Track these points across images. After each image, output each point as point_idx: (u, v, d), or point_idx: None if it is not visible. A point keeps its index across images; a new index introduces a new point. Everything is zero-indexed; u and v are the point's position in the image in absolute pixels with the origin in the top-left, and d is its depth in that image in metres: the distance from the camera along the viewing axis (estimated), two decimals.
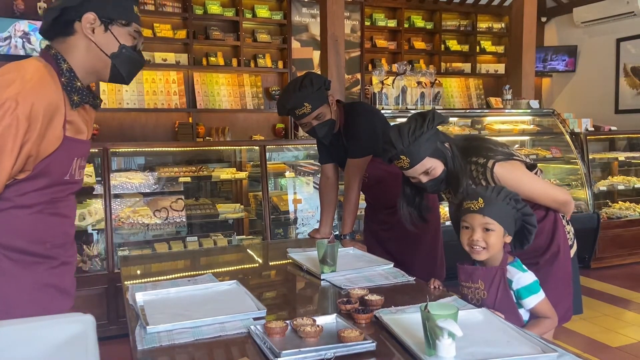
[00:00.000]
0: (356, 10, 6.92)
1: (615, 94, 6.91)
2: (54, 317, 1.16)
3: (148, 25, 5.93)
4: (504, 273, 1.72)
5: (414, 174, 1.94)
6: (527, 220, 1.73)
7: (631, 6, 6.45)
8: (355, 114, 2.62)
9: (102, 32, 1.43)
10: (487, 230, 1.72)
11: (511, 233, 1.74)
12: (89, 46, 1.43)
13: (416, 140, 1.87)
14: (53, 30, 1.43)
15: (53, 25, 1.42)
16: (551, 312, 1.75)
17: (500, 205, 1.71)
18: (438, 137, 1.93)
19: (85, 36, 1.42)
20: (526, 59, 5.43)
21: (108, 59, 1.46)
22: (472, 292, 1.75)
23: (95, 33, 1.42)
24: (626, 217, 5.15)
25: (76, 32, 1.42)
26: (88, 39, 1.42)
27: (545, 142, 5.24)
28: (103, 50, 1.44)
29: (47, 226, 1.38)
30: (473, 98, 7.63)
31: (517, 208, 1.72)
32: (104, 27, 1.43)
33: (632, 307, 4.07)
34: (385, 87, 4.39)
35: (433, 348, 1.29)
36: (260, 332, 1.42)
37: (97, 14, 1.41)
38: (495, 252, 1.74)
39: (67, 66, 1.41)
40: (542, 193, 1.95)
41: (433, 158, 1.90)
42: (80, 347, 1.07)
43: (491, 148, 1.94)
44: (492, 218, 1.71)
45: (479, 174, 1.90)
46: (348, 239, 2.63)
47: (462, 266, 1.80)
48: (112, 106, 5.73)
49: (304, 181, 4.40)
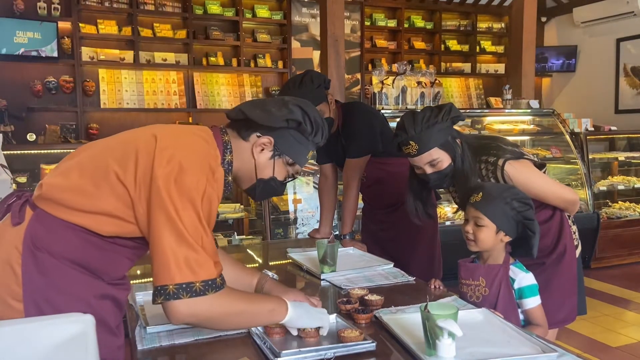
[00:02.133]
0: (356, 10, 6.92)
1: (615, 94, 6.90)
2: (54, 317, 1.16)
3: (148, 25, 5.94)
4: (507, 271, 1.73)
5: (420, 162, 1.94)
6: (527, 225, 1.71)
7: (631, 6, 6.44)
8: (354, 113, 2.61)
9: (267, 158, 1.45)
10: (478, 224, 1.72)
11: (510, 234, 1.73)
12: (249, 160, 1.45)
13: (429, 128, 1.87)
14: (234, 122, 1.46)
15: (235, 118, 1.46)
16: (543, 319, 1.75)
17: (497, 203, 1.70)
18: (451, 131, 1.93)
19: (251, 149, 1.44)
20: (526, 59, 5.43)
21: (255, 179, 1.47)
22: (472, 290, 1.75)
23: (261, 154, 1.45)
24: (626, 217, 5.15)
25: (249, 142, 1.44)
26: (252, 153, 1.44)
27: (545, 142, 5.24)
28: (256, 171, 1.46)
29: (121, 266, 1.39)
30: (473, 98, 7.62)
31: (517, 210, 1.70)
32: (272, 154, 1.45)
33: (632, 307, 4.07)
34: (385, 87, 4.39)
35: (433, 348, 1.29)
36: (260, 332, 1.42)
37: (275, 142, 1.44)
38: (486, 247, 1.74)
39: (229, 158, 1.43)
40: (551, 192, 1.94)
41: (441, 150, 1.90)
42: (80, 347, 1.07)
43: (501, 147, 1.94)
44: (484, 214, 1.71)
45: (489, 172, 1.90)
46: (348, 238, 2.63)
47: (464, 263, 1.80)
48: (112, 106, 5.73)
49: (303, 181, 4.40)
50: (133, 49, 5.79)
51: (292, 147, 1.47)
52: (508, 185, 1.79)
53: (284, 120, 1.43)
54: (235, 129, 1.46)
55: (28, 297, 1.24)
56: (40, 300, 1.24)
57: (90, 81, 5.63)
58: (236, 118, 1.46)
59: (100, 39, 5.70)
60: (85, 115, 5.62)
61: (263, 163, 1.45)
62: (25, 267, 1.24)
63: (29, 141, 4.56)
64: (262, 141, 1.43)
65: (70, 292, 1.27)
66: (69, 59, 5.52)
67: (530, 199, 1.75)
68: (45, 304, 1.25)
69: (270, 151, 1.45)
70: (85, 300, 1.29)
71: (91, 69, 5.72)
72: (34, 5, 5.35)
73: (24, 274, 1.24)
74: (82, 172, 1.30)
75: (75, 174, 1.30)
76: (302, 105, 1.48)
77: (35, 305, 1.24)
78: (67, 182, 1.29)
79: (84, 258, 1.30)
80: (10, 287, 1.24)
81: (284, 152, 1.46)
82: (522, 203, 1.71)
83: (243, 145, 1.44)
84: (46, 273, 1.25)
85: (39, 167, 3.88)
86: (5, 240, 1.28)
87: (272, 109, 1.43)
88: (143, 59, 5.85)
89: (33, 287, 1.24)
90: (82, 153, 1.37)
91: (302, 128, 1.46)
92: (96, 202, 1.27)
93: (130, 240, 1.34)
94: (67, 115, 5.53)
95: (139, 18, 5.85)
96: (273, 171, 1.47)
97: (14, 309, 1.23)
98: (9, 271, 1.25)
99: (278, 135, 1.44)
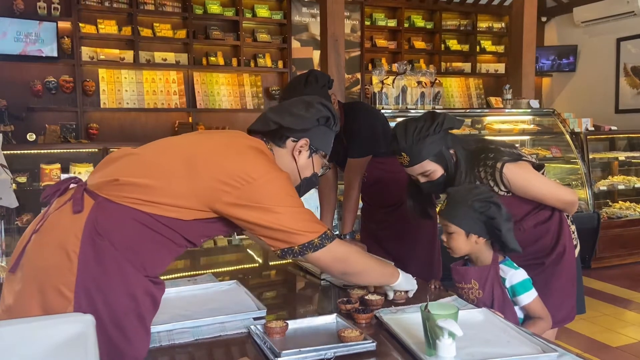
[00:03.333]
0: (356, 10, 6.92)
1: (615, 94, 6.90)
2: (54, 317, 1.16)
3: (148, 25, 5.94)
4: (497, 271, 1.73)
5: (412, 172, 1.94)
6: (492, 223, 1.69)
7: (631, 6, 6.44)
8: (356, 113, 2.61)
9: (306, 158, 1.57)
10: (448, 232, 1.74)
11: (482, 235, 1.71)
12: (291, 164, 1.55)
13: (420, 140, 1.85)
14: (265, 133, 1.55)
15: (267, 130, 1.54)
16: (544, 312, 1.75)
17: (460, 207, 1.70)
18: (445, 141, 1.89)
19: (291, 154, 1.55)
20: (526, 59, 5.42)
21: (299, 180, 1.58)
22: (467, 293, 1.76)
23: (301, 155, 1.56)
24: (626, 217, 5.15)
25: (285, 147, 1.55)
26: (292, 157, 1.55)
27: (545, 142, 5.24)
28: (300, 172, 1.57)
29: (165, 262, 1.43)
30: (473, 98, 7.62)
31: (479, 211, 1.68)
32: (309, 153, 1.57)
33: (632, 307, 4.07)
34: (385, 86, 4.39)
35: (433, 348, 1.29)
36: (260, 332, 1.42)
37: (310, 141, 1.56)
38: (463, 253, 1.76)
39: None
40: (549, 193, 1.94)
41: (433, 162, 1.88)
42: (80, 347, 1.07)
43: (499, 149, 1.92)
44: (450, 221, 1.73)
45: (488, 174, 1.89)
46: (348, 238, 2.63)
47: (455, 267, 1.81)
48: (112, 106, 5.73)
49: None
50: (133, 49, 5.79)
51: (324, 142, 1.60)
52: (471, 187, 1.78)
53: (315, 120, 1.54)
54: (269, 138, 1.55)
55: (80, 285, 1.24)
56: (92, 289, 1.25)
57: (90, 81, 5.63)
58: (268, 130, 1.53)
59: (100, 39, 5.70)
60: (85, 115, 5.62)
61: (304, 164, 1.57)
62: (83, 254, 1.25)
63: (29, 141, 4.56)
64: (300, 144, 1.54)
65: (121, 284, 1.29)
66: (69, 58, 5.53)
67: (494, 196, 1.73)
68: (97, 293, 1.25)
69: (307, 151, 1.56)
70: (132, 294, 1.30)
71: (91, 68, 5.72)
72: (34, 5, 5.35)
73: (80, 260, 1.25)
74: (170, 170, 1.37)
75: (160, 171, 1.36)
76: (322, 101, 1.59)
77: (86, 294, 1.24)
78: (147, 180, 1.34)
79: (138, 249, 1.32)
80: (63, 274, 1.25)
81: (318, 148, 1.58)
82: (484, 203, 1.69)
83: (281, 152, 1.55)
84: (102, 262, 1.27)
85: (39, 167, 3.88)
86: (62, 227, 1.29)
87: (301, 112, 1.53)
88: (143, 59, 5.85)
89: (87, 275, 1.25)
90: (148, 151, 1.45)
91: (329, 122, 1.58)
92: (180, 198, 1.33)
93: (192, 228, 1.39)
94: (67, 115, 5.53)
95: (139, 18, 5.84)
96: (313, 167, 1.60)
97: (64, 297, 1.24)
98: (64, 257, 1.26)
99: (311, 135, 1.55)
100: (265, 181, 1.37)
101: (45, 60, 5.38)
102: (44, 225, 1.33)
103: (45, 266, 1.27)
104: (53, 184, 1.42)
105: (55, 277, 1.25)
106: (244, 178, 1.35)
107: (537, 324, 1.72)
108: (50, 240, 1.29)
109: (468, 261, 1.82)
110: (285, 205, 1.39)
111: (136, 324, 1.30)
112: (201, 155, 1.39)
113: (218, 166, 1.37)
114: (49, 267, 1.26)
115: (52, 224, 1.32)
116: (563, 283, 1.97)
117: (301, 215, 1.42)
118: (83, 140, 4.99)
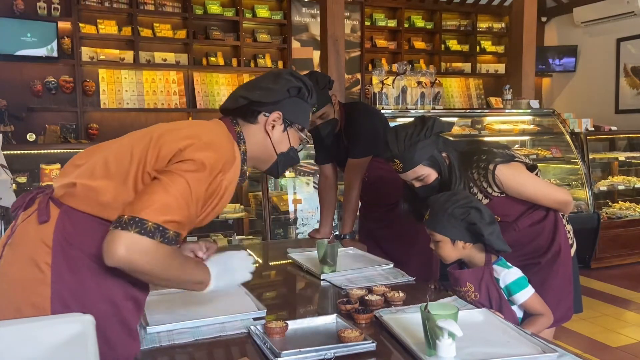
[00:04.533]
0: (356, 10, 6.92)
1: (615, 94, 6.90)
2: (54, 317, 1.16)
3: (148, 25, 5.94)
4: (490, 272, 1.73)
5: (407, 178, 1.96)
6: (475, 229, 1.69)
7: (631, 6, 6.44)
8: (356, 114, 2.62)
9: (280, 132, 1.51)
10: (435, 241, 1.75)
11: (468, 240, 1.72)
12: (265, 140, 1.50)
13: (411, 146, 1.87)
14: (235, 111, 1.50)
15: (237, 107, 1.49)
16: (544, 308, 1.75)
17: (441, 216, 1.72)
18: (437, 145, 1.91)
19: (264, 129, 1.49)
20: (526, 59, 5.43)
21: (275, 155, 1.53)
22: (464, 296, 1.77)
23: (274, 130, 1.50)
24: (626, 217, 5.15)
25: (258, 123, 1.49)
26: (266, 133, 1.49)
27: (545, 142, 5.24)
28: (275, 148, 1.51)
29: None
30: (473, 98, 7.62)
31: (460, 218, 1.69)
32: (284, 127, 1.51)
33: (632, 307, 4.07)
34: (385, 87, 4.39)
35: (433, 348, 1.29)
36: (260, 332, 1.42)
37: (283, 114, 1.49)
38: (453, 259, 1.77)
39: (244, 148, 1.47)
40: (542, 194, 1.94)
41: (427, 166, 1.90)
42: (80, 347, 1.07)
43: (492, 151, 1.94)
44: (433, 230, 1.74)
45: (481, 176, 1.90)
46: (348, 238, 2.63)
47: (452, 271, 1.81)
48: (112, 106, 5.73)
49: (303, 181, 4.39)
50: (133, 49, 5.79)
51: (298, 114, 1.53)
52: (450, 194, 1.78)
53: (285, 91, 1.48)
54: (240, 116, 1.50)
55: (55, 296, 1.21)
56: (68, 299, 1.22)
57: (90, 81, 5.63)
58: (237, 106, 1.49)
59: (100, 39, 5.70)
60: (85, 115, 5.63)
61: (278, 138, 1.51)
62: (56, 265, 1.22)
63: (29, 141, 4.56)
64: (272, 118, 1.48)
65: (98, 291, 1.25)
66: (69, 59, 5.53)
67: (473, 201, 1.74)
68: (74, 302, 1.22)
69: (280, 124, 1.50)
70: (111, 300, 1.27)
71: (91, 69, 5.72)
72: (34, 5, 5.35)
73: (53, 271, 1.22)
74: (107, 168, 1.29)
75: (100, 171, 1.29)
76: (293, 72, 1.53)
77: (62, 304, 1.21)
78: (95, 181, 1.27)
79: None
80: (36, 287, 1.21)
81: (293, 120, 1.52)
82: (464, 209, 1.69)
83: (253, 129, 1.49)
84: (77, 270, 1.23)
85: (38, 167, 3.88)
86: (30, 238, 1.26)
87: (269, 85, 1.48)
88: (143, 59, 5.85)
89: (62, 285, 1.22)
90: (99, 152, 1.35)
91: (302, 93, 1.52)
92: (125, 195, 1.25)
93: None
94: (67, 115, 5.53)
95: (139, 18, 5.85)
96: (289, 142, 1.54)
97: (41, 309, 1.20)
98: (35, 270, 1.22)
99: (283, 108, 1.49)
100: (188, 167, 1.25)
101: (45, 61, 5.38)
102: (12, 240, 1.28)
103: (17, 280, 1.23)
104: (20, 197, 1.37)
105: (29, 292, 1.21)
106: (180, 149, 1.27)
107: (537, 320, 1.72)
108: (20, 254, 1.25)
109: (464, 264, 1.83)
110: (177, 190, 1.22)
111: (118, 329, 1.27)
112: (156, 132, 1.34)
113: (164, 145, 1.30)
114: (22, 281, 1.23)
115: (20, 236, 1.28)
116: (559, 282, 1.97)
117: (176, 204, 1.21)
118: (83, 141, 5.00)
